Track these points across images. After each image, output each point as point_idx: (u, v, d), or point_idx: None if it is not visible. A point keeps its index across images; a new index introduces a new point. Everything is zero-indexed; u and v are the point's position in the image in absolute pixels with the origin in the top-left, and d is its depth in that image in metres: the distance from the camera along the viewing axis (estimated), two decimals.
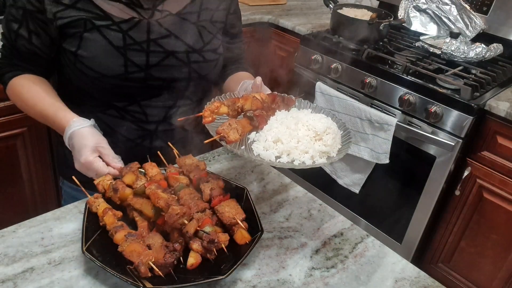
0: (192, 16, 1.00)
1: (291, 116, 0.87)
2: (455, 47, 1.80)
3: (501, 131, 1.59)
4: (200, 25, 1.02)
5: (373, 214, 2.03)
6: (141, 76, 0.95)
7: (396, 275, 0.79)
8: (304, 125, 0.84)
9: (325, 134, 0.83)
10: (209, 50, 1.03)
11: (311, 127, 0.84)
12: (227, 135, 0.78)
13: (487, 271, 1.78)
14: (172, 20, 0.97)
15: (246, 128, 0.83)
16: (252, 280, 0.74)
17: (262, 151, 0.80)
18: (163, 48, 0.96)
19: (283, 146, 0.80)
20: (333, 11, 2.06)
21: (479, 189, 1.70)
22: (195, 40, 1.00)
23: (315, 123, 0.84)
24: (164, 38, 0.96)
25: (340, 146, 0.86)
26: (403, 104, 1.73)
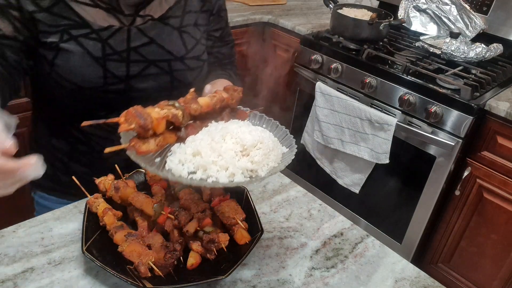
0: (175, 21, 0.96)
1: (222, 126, 0.77)
2: (455, 47, 1.80)
3: (501, 131, 1.59)
4: (183, 30, 0.97)
5: (373, 214, 2.03)
6: (121, 87, 0.91)
7: (396, 275, 0.79)
8: (233, 137, 0.74)
9: (255, 149, 0.73)
10: (192, 57, 0.99)
11: (239, 140, 0.74)
12: (138, 145, 0.66)
13: (487, 271, 1.78)
14: (153, 26, 0.93)
15: (169, 139, 0.73)
16: (252, 280, 0.74)
17: (176, 165, 0.70)
18: (144, 57, 0.92)
19: (201, 160, 0.70)
20: (333, 11, 2.06)
21: (479, 189, 1.70)
22: (177, 47, 0.96)
23: (244, 135, 0.74)
24: (145, 46, 0.92)
25: (275, 164, 0.75)
26: (403, 104, 1.73)
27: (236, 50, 2.44)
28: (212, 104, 0.79)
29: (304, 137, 2.16)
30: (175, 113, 0.71)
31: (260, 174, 0.72)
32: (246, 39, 2.30)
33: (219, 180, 0.69)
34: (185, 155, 0.72)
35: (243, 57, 2.35)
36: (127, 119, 0.66)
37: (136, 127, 0.65)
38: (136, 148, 0.66)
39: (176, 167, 0.70)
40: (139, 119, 0.65)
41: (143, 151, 0.66)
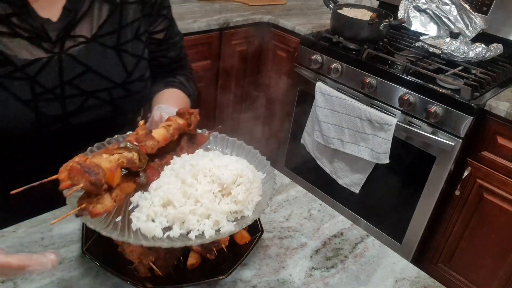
0: (111, 39, 0.84)
1: (190, 164, 0.65)
2: (455, 47, 1.80)
3: (501, 131, 1.59)
4: (122, 49, 0.85)
5: (373, 214, 2.03)
6: (58, 127, 0.80)
7: (396, 275, 0.79)
8: (207, 175, 0.63)
9: (235, 185, 0.63)
10: (134, 80, 0.88)
11: (215, 179, 0.62)
12: (91, 206, 0.54)
13: (487, 271, 1.78)
14: (87, 49, 0.81)
15: (128, 189, 0.61)
16: (252, 280, 0.74)
17: (145, 222, 0.59)
18: (80, 89, 0.81)
19: (175, 212, 0.59)
20: (333, 11, 2.06)
21: (479, 189, 1.70)
22: (117, 72, 0.85)
23: (220, 171, 0.63)
24: (81, 76, 0.80)
25: (259, 197, 0.66)
26: (403, 104, 1.73)
27: (236, 50, 2.46)
28: (169, 136, 0.68)
29: (304, 137, 2.16)
30: (130, 156, 0.60)
31: (247, 214, 0.63)
32: (246, 39, 2.30)
33: (204, 234, 0.59)
34: (154, 207, 0.60)
35: (243, 57, 2.35)
36: (71, 178, 0.53)
37: (85, 185, 0.53)
38: (90, 210, 0.54)
39: (145, 226, 0.58)
40: (89, 175, 0.53)
41: (99, 212, 0.54)
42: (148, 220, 0.59)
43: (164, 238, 0.58)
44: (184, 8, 2.21)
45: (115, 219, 0.60)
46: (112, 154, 0.59)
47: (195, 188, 0.61)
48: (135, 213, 0.60)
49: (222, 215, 0.61)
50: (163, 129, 0.68)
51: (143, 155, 0.62)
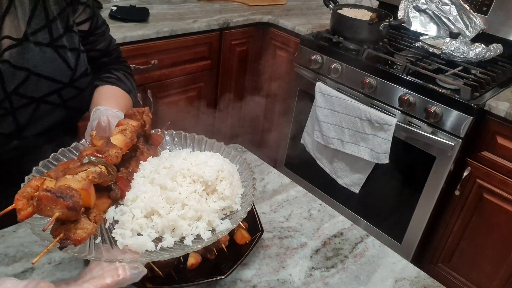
0: (43, 35, 0.77)
1: (164, 166, 0.61)
2: (455, 47, 1.80)
3: (501, 131, 1.59)
4: (58, 45, 0.78)
5: (373, 214, 2.03)
6: (14, 144, 0.75)
7: (396, 275, 0.79)
8: (186, 176, 0.59)
9: (219, 181, 0.61)
10: (80, 76, 0.82)
11: (197, 178, 0.59)
12: (72, 233, 0.48)
13: (487, 271, 1.78)
14: (21, 51, 0.73)
15: (103, 206, 0.57)
16: (252, 280, 0.74)
17: (131, 238, 0.54)
18: (28, 97, 0.74)
19: (162, 221, 0.55)
20: (333, 11, 2.06)
21: (479, 189, 1.70)
22: (61, 70, 0.78)
23: (201, 169, 0.60)
24: (25, 82, 0.73)
25: (242, 189, 0.65)
26: (403, 104, 1.73)
27: (236, 50, 2.46)
28: (129, 141, 0.62)
29: (304, 137, 2.16)
30: (99, 171, 0.54)
31: (236, 208, 0.61)
32: (246, 39, 2.30)
33: (201, 237, 0.55)
34: (137, 220, 0.55)
35: (243, 57, 2.35)
36: (42, 209, 0.46)
37: (63, 213, 0.47)
38: (73, 238, 0.48)
39: (134, 241, 0.53)
40: (64, 200, 0.46)
41: (83, 238, 0.49)
42: (134, 234, 0.55)
43: (159, 250, 0.54)
44: (184, 8, 2.21)
45: (95, 242, 0.54)
46: (76, 173, 0.52)
47: (178, 192, 0.57)
48: (117, 230, 0.55)
49: (214, 214, 0.59)
50: (120, 135, 0.62)
51: (111, 167, 0.56)
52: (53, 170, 0.55)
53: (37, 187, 0.49)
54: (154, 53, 1.90)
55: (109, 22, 1.82)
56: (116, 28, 1.78)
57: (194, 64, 2.13)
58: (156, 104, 2.00)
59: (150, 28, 1.85)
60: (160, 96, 2.03)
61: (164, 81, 2.03)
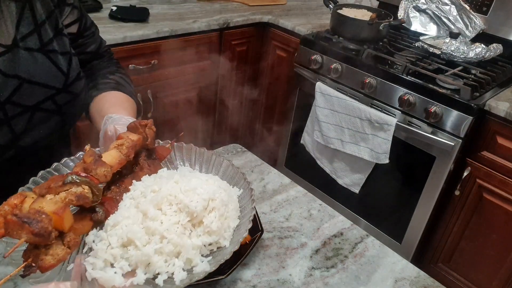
0: (33, 40, 0.74)
1: (152, 190, 0.56)
2: (455, 47, 1.80)
3: (501, 131, 1.59)
4: (48, 49, 0.76)
5: (373, 214, 2.03)
6: (10, 154, 0.73)
7: (396, 275, 0.79)
8: (172, 203, 0.53)
9: (207, 212, 0.55)
10: (74, 80, 0.80)
11: (183, 207, 0.53)
12: (40, 259, 0.45)
13: (487, 271, 1.78)
14: (12, 58, 0.71)
15: (84, 228, 0.51)
16: (252, 280, 0.74)
17: (103, 270, 0.49)
18: (23, 105, 0.72)
19: (137, 253, 0.50)
20: (333, 11, 2.06)
21: (479, 189, 1.71)
22: (54, 75, 0.76)
23: (188, 197, 0.54)
24: (18, 90, 0.71)
25: (237, 221, 0.58)
26: (403, 104, 1.73)
27: (236, 50, 2.47)
28: (124, 157, 0.58)
29: (304, 137, 2.16)
30: (79, 192, 0.50)
31: (224, 245, 0.55)
32: (246, 39, 2.30)
33: (174, 278, 0.50)
34: (111, 250, 0.50)
35: (243, 58, 2.35)
36: (10, 233, 0.44)
37: (29, 238, 0.44)
38: (40, 265, 0.44)
39: (103, 275, 0.48)
40: (29, 225, 0.43)
41: (51, 265, 0.45)
42: (106, 265, 0.49)
43: (129, 286, 0.49)
44: (184, 8, 2.21)
45: (67, 268, 0.49)
46: (58, 193, 0.48)
47: (160, 221, 0.51)
48: (90, 258, 0.50)
49: (194, 250, 0.52)
50: (114, 151, 0.57)
51: (95, 187, 0.51)
52: (39, 186, 0.50)
53: (15, 206, 0.46)
54: (154, 53, 1.90)
55: (109, 22, 1.84)
56: (116, 28, 1.78)
57: (194, 64, 2.13)
58: (156, 104, 2.00)
59: (150, 28, 1.85)
60: (160, 96, 2.03)
61: (164, 81, 2.03)
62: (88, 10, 1.87)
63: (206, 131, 2.33)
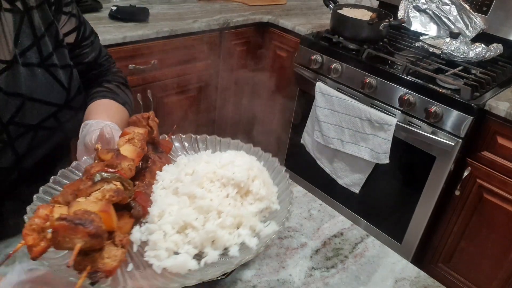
0: (33, 54, 0.71)
1: (186, 173, 0.55)
2: (455, 47, 1.80)
3: (501, 131, 1.59)
4: (48, 63, 0.73)
5: (373, 214, 2.03)
6: (12, 178, 0.71)
7: (396, 275, 0.79)
8: (214, 181, 0.54)
9: (251, 181, 0.55)
10: (75, 95, 0.77)
11: (227, 180, 0.54)
12: (100, 264, 0.42)
13: (487, 271, 1.78)
14: (13, 75, 0.67)
15: (127, 227, 0.50)
16: (252, 280, 0.74)
17: (168, 259, 0.48)
18: (25, 125, 0.69)
19: (199, 234, 0.49)
20: (333, 11, 2.06)
21: (479, 189, 1.70)
22: (56, 91, 0.73)
23: (229, 170, 0.54)
24: (20, 110, 0.68)
25: (276, 187, 0.59)
26: (403, 104, 1.73)
27: (236, 50, 2.46)
28: (140, 150, 0.57)
29: (304, 137, 2.16)
30: (115, 188, 0.48)
31: (275, 208, 0.56)
32: (246, 39, 2.30)
33: (249, 244, 0.50)
34: (170, 238, 0.49)
35: (243, 57, 2.35)
36: (60, 242, 0.40)
37: (85, 242, 0.40)
38: (103, 270, 0.41)
39: (173, 262, 0.47)
40: (85, 227, 0.40)
41: (114, 267, 0.42)
42: (170, 254, 0.49)
43: (204, 267, 0.48)
44: (184, 8, 2.21)
45: (127, 270, 0.47)
46: (89, 194, 0.46)
47: (209, 199, 0.51)
48: (150, 252, 0.49)
49: (254, 217, 0.53)
50: (129, 145, 0.56)
51: (126, 181, 0.49)
52: (60, 194, 0.48)
53: (47, 217, 0.42)
54: (154, 53, 1.90)
55: (109, 22, 1.84)
56: (116, 28, 1.78)
57: (194, 64, 2.13)
58: (156, 104, 2.00)
59: (150, 28, 1.85)
60: (160, 96, 2.03)
61: (164, 81, 2.03)
62: (87, 10, 1.87)
63: (206, 131, 2.32)
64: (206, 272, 0.47)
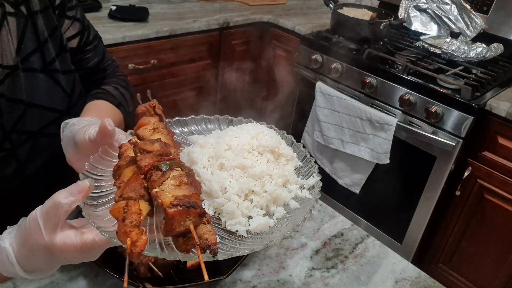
0: (35, 60, 0.70)
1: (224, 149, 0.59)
2: (456, 47, 1.80)
3: (502, 131, 1.59)
4: (51, 69, 0.71)
5: (373, 214, 2.03)
6: (15, 184, 0.70)
7: (397, 275, 0.79)
8: (250, 151, 0.59)
9: (279, 145, 0.62)
10: (76, 101, 0.76)
11: (262, 149, 0.59)
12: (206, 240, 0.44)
13: (487, 272, 1.77)
14: (15, 81, 0.66)
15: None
16: (252, 281, 0.73)
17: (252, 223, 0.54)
18: (26, 132, 0.68)
19: (265, 196, 0.56)
20: (333, 11, 2.06)
21: (479, 190, 1.70)
22: (58, 97, 0.72)
23: (260, 139, 0.60)
24: (22, 117, 0.67)
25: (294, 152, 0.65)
26: (403, 104, 1.73)
27: (236, 50, 2.46)
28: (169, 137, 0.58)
29: (304, 137, 2.15)
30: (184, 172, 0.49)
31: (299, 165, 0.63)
32: (246, 39, 2.30)
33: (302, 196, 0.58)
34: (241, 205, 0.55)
35: (243, 57, 2.35)
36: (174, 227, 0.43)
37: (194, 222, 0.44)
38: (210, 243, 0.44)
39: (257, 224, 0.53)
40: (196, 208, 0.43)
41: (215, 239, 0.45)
42: (246, 219, 0.54)
43: (278, 223, 0.54)
44: (184, 7, 2.21)
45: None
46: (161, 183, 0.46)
47: (257, 166, 0.57)
48: (230, 222, 0.54)
49: (294, 174, 0.60)
50: (158, 134, 0.57)
51: (183, 166, 0.50)
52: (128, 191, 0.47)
53: (140, 211, 0.44)
54: (154, 53, 1.90)
55: (108, 22, 1.84)
56: (116, 28, 1.78)
57: (194, 64, 2.13)
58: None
59: (149, 28, 1.84)
60: (159, 96, 2.03)
61: (163, 81, 2.03)
62: (87, 9, 1.87)
63: None
64: (282, 228, 0.53)
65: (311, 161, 0.65)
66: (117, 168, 0.52)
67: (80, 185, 0.46)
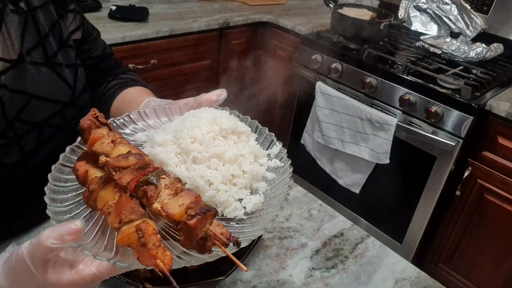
0: (38, 53, 0.72)
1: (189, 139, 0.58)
2: (456, 47, 1.80)
3: (502, 131, 1.59)
4: (53, 62, 0.74)
5: (373, 214, 2.03)
6: (18, 175, 0.71)
7: (397, 275, 0.79)
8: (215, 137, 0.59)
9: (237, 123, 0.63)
10: (80, 93, 0.78)
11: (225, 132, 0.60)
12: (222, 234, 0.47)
13: (487, 272, 1.77)
14: (19, 74, 0.69)
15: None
16: (252, 281, 0.73)
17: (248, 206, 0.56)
18: (31, 123, 0.70)
19: (244, 178, 0.58)
20: (333, 11, 2.06)
21: (479, 190, 1.70)
22: (61, 89, 0.75)
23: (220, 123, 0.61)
24: (26, 107, 0.69)
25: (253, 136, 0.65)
26: (403, 104, 1.73)
27: (236, 50, 2.47)
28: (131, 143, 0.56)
29: (304, 137, 2.15)
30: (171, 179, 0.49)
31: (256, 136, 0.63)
32: (246, 39, 2.30)
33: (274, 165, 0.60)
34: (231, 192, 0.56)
35: (243, 57, 2.35)
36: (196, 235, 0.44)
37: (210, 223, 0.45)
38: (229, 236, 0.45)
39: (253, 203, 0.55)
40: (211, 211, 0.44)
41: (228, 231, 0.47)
42: (239, 203, 0.55)
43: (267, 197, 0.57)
44: (184, 7, 2.21)
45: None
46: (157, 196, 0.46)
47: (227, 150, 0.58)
48: (227, 210, 0.55)
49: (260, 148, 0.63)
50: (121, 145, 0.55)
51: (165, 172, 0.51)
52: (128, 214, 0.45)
53: (155, 231, 0.43)
54: (154, 53, 1.90)
55: (108, 22, 1.84)
56: (116, 28, 1.78)
57: (194, 64, 2.13)
58: None
59: (149, 28, 1.84)
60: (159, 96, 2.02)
61: (163, 81, 2.03)
62: (87, 9, 1.87)
63: None
64: (273, 201, 0.56)
65: (265, 130, 0.67)
66: (89, 194, 0.49)
67: (71, 227, 0.43)
